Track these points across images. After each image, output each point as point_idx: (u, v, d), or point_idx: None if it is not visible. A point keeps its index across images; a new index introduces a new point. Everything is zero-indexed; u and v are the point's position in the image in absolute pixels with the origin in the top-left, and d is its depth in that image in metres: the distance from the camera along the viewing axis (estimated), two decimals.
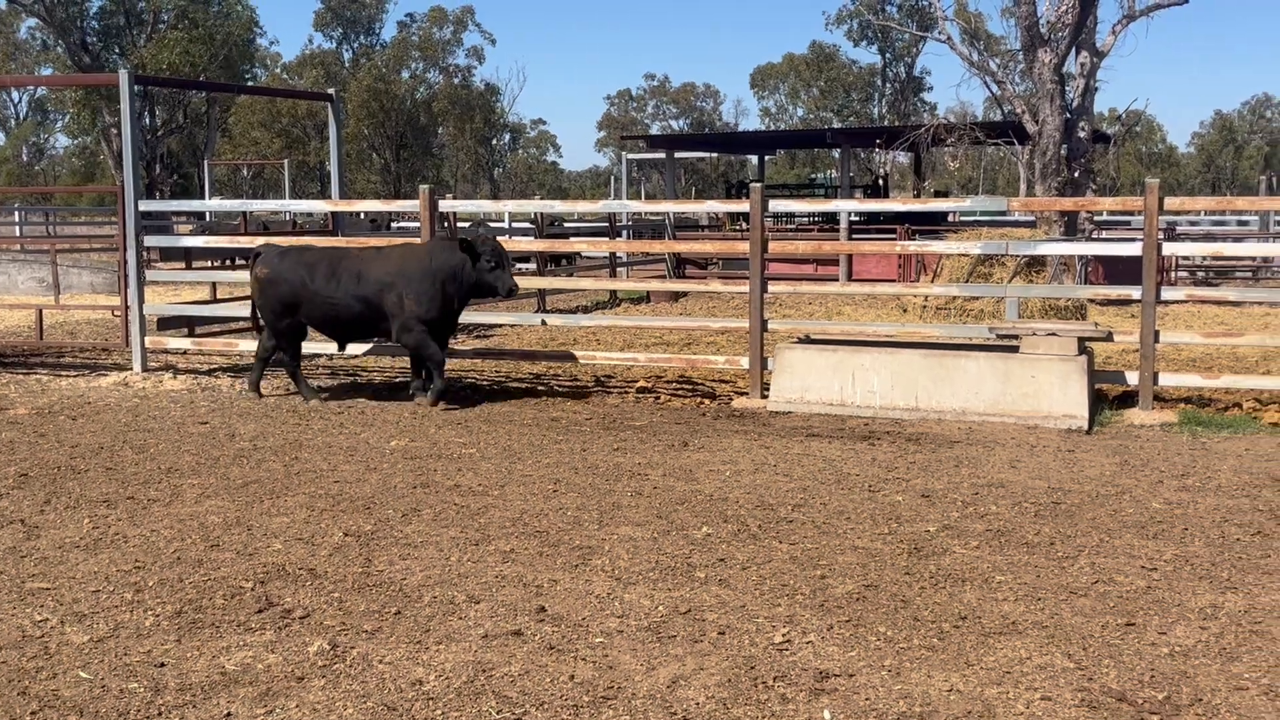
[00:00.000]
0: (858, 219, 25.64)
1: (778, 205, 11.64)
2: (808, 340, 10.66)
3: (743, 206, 11.01)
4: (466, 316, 13.71)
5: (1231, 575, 5.53)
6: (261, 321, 10.87)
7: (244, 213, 19.43)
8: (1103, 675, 4.36)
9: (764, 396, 10.26)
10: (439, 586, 5.37)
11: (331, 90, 14.21)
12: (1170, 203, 10.05)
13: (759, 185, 10.64)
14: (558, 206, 10.20)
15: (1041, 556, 5.84)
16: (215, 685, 4.30)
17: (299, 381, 10.68)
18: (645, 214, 27.78)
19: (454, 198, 40.83)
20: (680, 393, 11.15)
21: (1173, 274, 21.79)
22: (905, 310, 16.88)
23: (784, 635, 4.77)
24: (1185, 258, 23.07)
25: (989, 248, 10.89)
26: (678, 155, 47.42)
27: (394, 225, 28.63)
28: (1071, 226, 18.51)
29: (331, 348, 11.08)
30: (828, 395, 9.92)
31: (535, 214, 19.87)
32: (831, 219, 25.34)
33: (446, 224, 18.30)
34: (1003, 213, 26.71)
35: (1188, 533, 6.26)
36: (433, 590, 5.32)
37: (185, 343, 12.92)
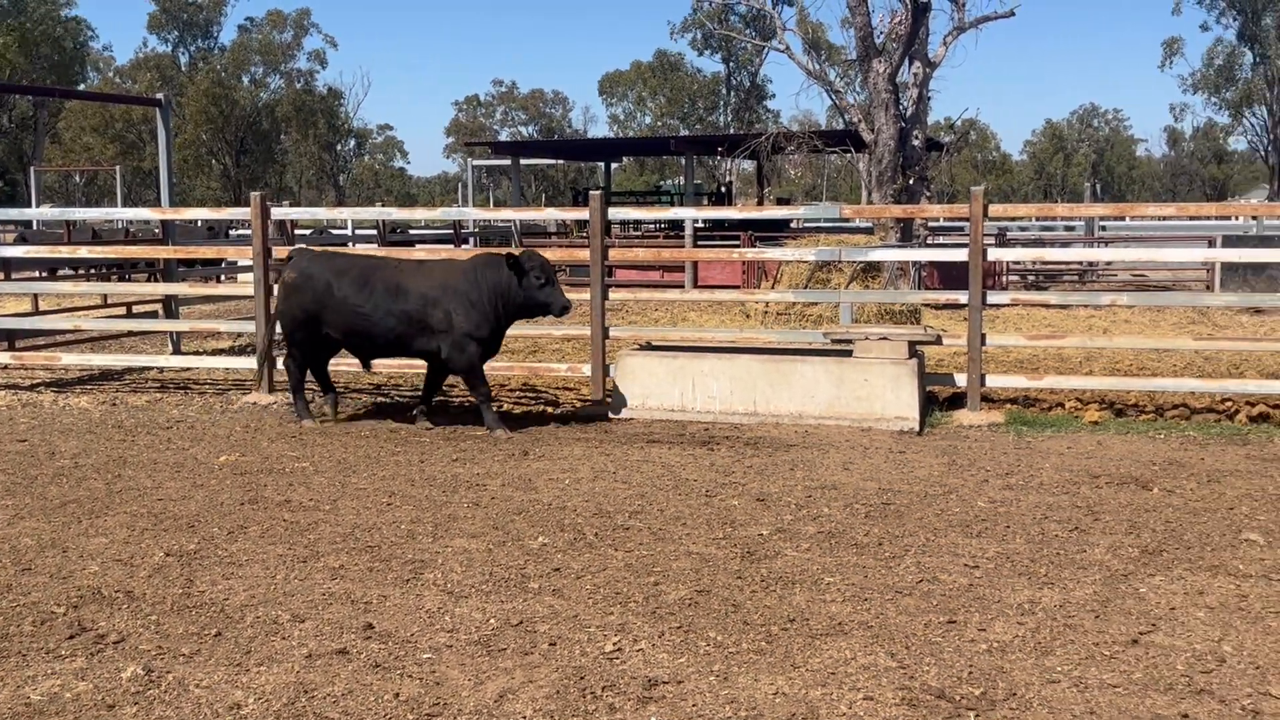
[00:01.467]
0: (703, 226, 25.90)
1: (618, 212, 11.71)
2: (649, 347, 10.70)
3: (583, 214, 11.01)
4: None
5: (1049, 571, 5.71)
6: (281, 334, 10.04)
7: (68, 222, 18.67)
8: (924, 673, 4.46)
9: (606, 403, 10.26)
10: (263, 606, 5.22)
11: (161, 95, 13.75)
12: (994, 209, 10.37)
13: (598, 192, 10.66)
14: (395, 213, 10.04)
15: (870, 557, 5.95)
16: (18, 717, 4.10)
17: (298, 398, 9.85)
18: (494, 221, 27.59)
19: (290, 204, 39.90)
20: (523, 401, 11.10)
21: (1004, 278, 22.55)
22: (749, 316, 17.11)
23: (615, 644, 4.76)
24: (1016, 263, 23.89)
25: (824, 254, 11.08)
26: (525, 161, 47.30)
27: (232, 233, 27.88)
28: (907, 233, 18.97)
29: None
30: (669, 401, 9.97)
31: (377, 221, 19.58)
32: (677, 226, 25.54)
33: (284, 232, 17.90)
34: (846, 220, 27.28)
35: (1010, 530, 6.45)
36: (256, 610, 5.17)
37: (4, 357, 12.36)
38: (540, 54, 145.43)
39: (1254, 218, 26.87)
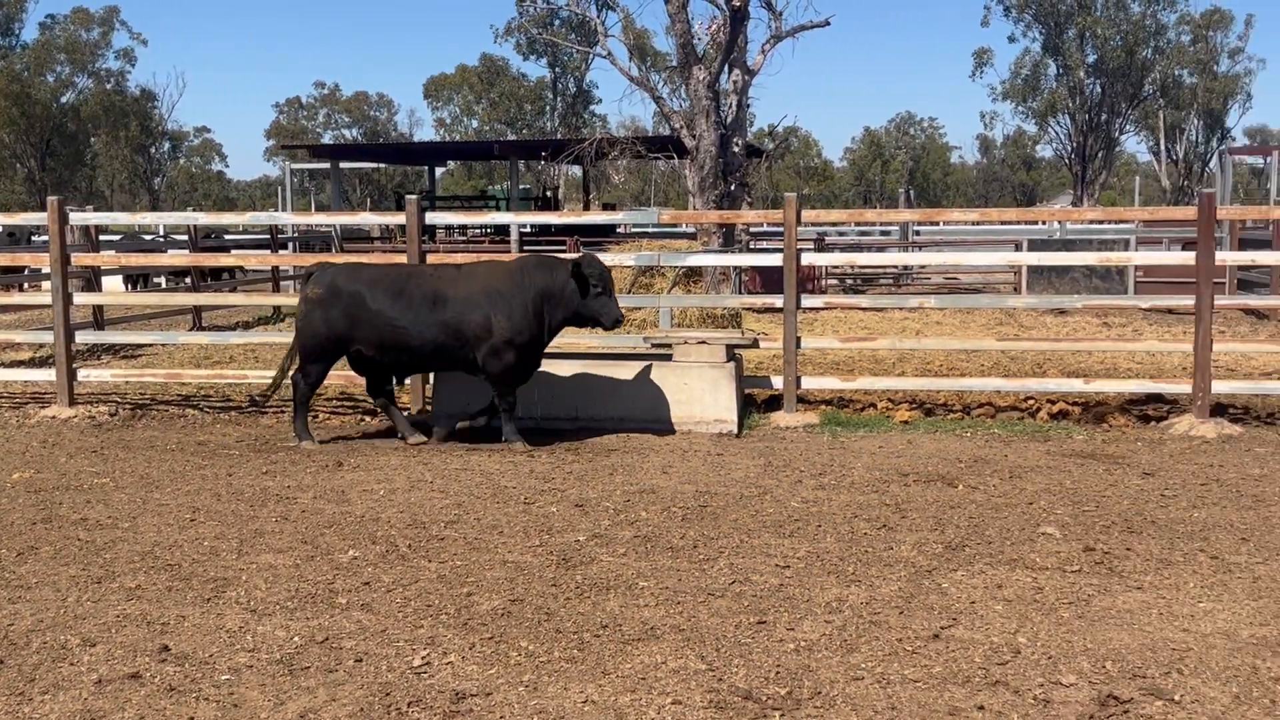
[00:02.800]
0: (530, 231, 25.81)
1: (439, 217, 11.56)
2: None
3: (400, 218, 10.83)
4: (113, 336, 12.93)
5: (857, 569, 5.83)
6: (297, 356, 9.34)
7: None
8: (732, 675, 4.49)
9: (426, 411, 10.10)
10: (51, 631, 4.96)
11: None
12: (808, 215, 10.59)
13: (414, 197, 10.49)
14: (202, 219, 9.71)
15: (685, 560, 5.98)
16: None
17: (300, 417, 9.19)
18: (315, 226, 26.97)
19: (94, 208, 38.33)
20: (341, 410, 10.85)
21: (823, 282, 23.04)
22: None
23: (424, 658, 4.67)
24: (835, 267, 24.46)
25: (643, 259, 11.15)
26: (348, 165, 46.43)
27: (35, 239, 26.62)
28: (729, 238, 19.21)
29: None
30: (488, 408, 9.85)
31: (189, 226, 18.95)
32: (504, 231, 25.40)
33: (90, 238, 17.17)
34: (675, 225, 27.50)
35: (821, 529, 6.56)
36: (44, 635, 4.91)
37: None
38: (364, 56, 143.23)
39: (1059, 222, 28.05)
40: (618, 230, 26.15)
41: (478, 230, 28.11)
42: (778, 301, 10.19)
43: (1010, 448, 8.92)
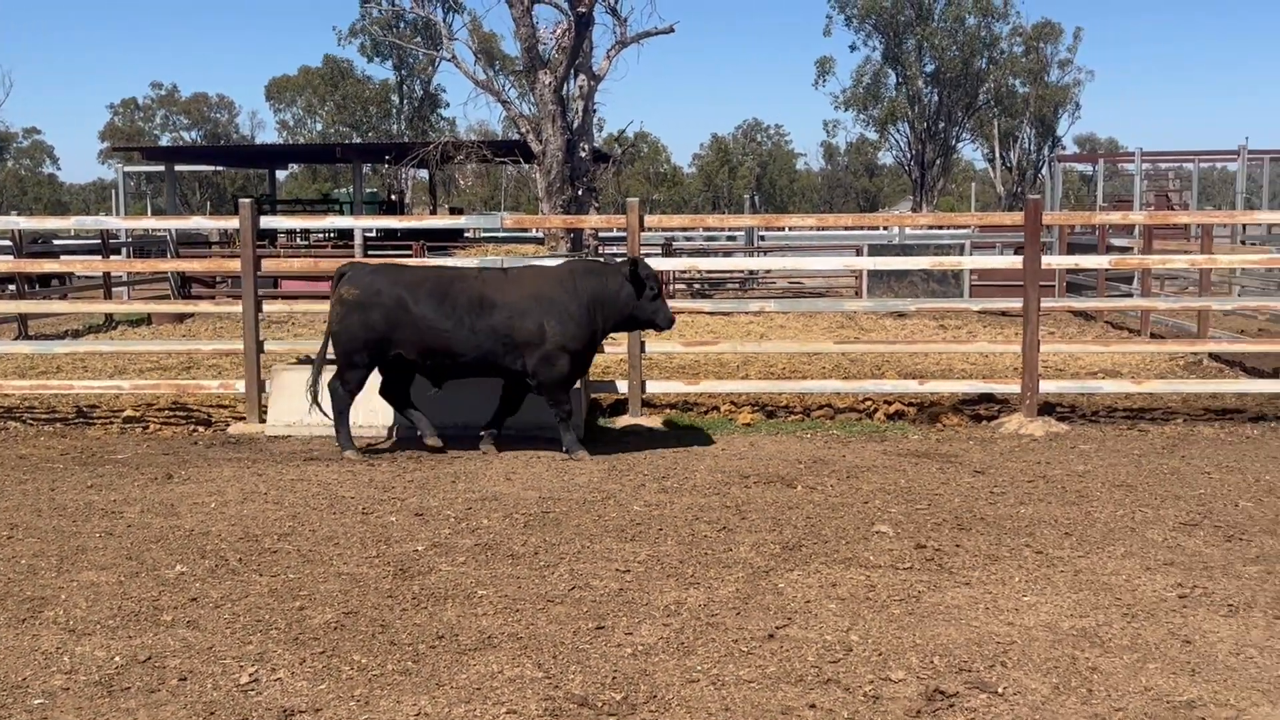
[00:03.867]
0: (375, 235, 25.43)
1: (278, 221, 11.30)
2: (308, 360, 10.34)
3: (234, 222, 10.54)
4: None
5: (696, 571, 5.86)
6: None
7: None
8: (569, 682, 4.46)
9: (262, 421, 9.86)
10: None
11: None
12: (650, 220, 10.64)
13: (248, 201, 10.23)
14: (24, 223, 9.30)
15: (525, 567, 5.94)
16: None
17: (341, 425, 8.87)
18: (152, 231, 26.11)
19: None
20: (173, 421, 10.50)
21: (671, 287, 23.20)
22: None
23: (251, 675, 4.53)
24: (683, 272, 24.63)
25: (486, 264, 11.05)
26: (186, 168, 45.10)
27: None
28: (578, 243, 19.24)
29: None
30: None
31: (13, 231, 18.15)
32: (347, 236, 24.96)
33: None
34: (524, 230, 27.39)
35: (662, 533, 6.58)
36: None
37: None
38: (203, 57, 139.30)
39: (898, 228, 28.78)
40: (465, 235, 25.95)
41: (321, 235, 27.59)
42: None
43: (848, 448, 9.10)
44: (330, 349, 9.01)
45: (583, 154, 19.59)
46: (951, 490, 7.60)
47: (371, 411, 9.58)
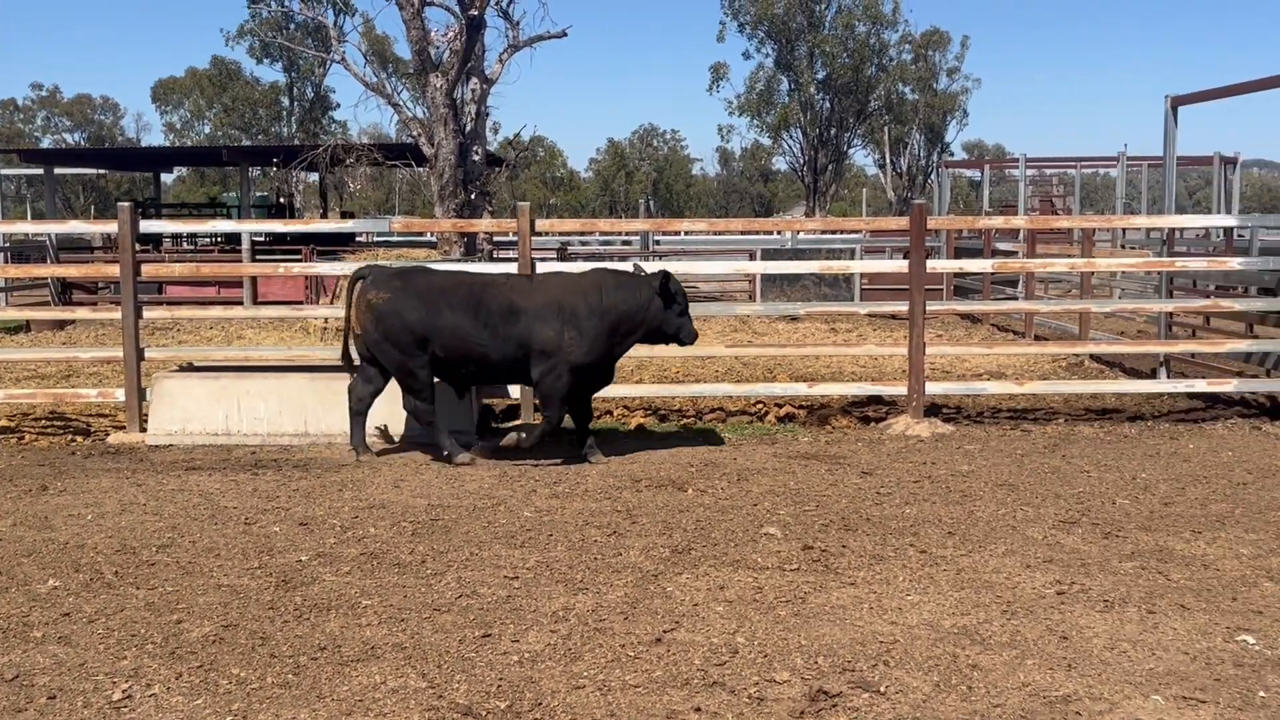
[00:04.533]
0: (263, 240, 24.98)
1: (155, 225, 11.04)
2: (190, 368, 10.12)
3: (112, 226, 10.25)
4: None
5: (585, 576, 5.84)
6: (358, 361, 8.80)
7: None
8: (453, 691, 4.41)
9: (143, 430, 9.61)
10: None
11: None
12: (542, 224, 10.61)
13: (126, 204, 9.96)
14: None
15: (412, 576, 5.86)
16: None
17: (356, 426, 8.82)
18: (32, 236, 25.34)
19: None
20: (50, 430, 10.19)
21: None
22: (309, 332, 16.62)
23: (125, 691, 4.40)
24: None
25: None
26: (68, 171, 43.90)
27: None
28: (471, 247, 19.11)
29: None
30: (212, 425, 9.46)
31: None
32: (235, 240, 24.50)
33: None
34: (419, 234, 27.13)
35: (552, 538, 6.55)
36: None
37: None
38: (86, 58, 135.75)
39: (790, 232, 29.06)
40: (357, 239, 25.63)
41: (208, 240, 27.05)
42: None
43: (739, 451, 9.15)
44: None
45: (476, 158, 19.47)
46: (839, 491, 7.68)
47: (257, 420, 9.41)
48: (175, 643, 4.92)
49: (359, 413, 8.85)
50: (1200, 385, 10.72)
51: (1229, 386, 10.75)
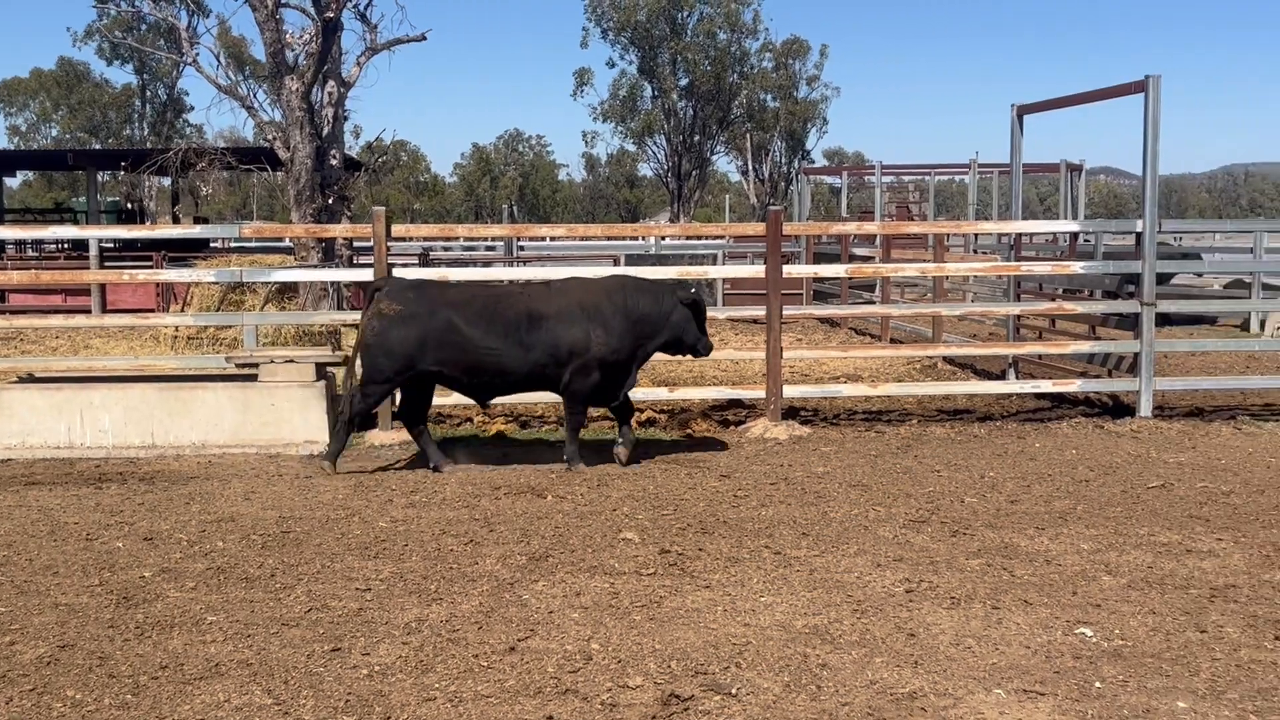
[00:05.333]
0: (113, 246, 24.17)
1: None
2: (31, 379, 9.75)
3: None
4: None
5: (440, 586, 5.76)
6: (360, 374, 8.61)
7: None
8: (300, 708, 4.31)
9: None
10: None
11: None
12: (397, 229, 10.47)
13: None
14: None
15: (260, 590, 5.72)
16: None
17: (337, 438, 8.72)
18: None
19: None
20: None
21: None
22: (159, 341, 16.14)
23: None
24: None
25: (223, 275, 10.68)
26: None
27: None
28: (330, 252, 18.76)
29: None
30: (54, 438, 9.13)
31: None
32: (82, 246, 23.64)
33: None
34: (276, 240, 26.50)
35: (407, 549, 6.45)
36: None
37: None
38: None
39: (653, 238, 29.18)
40: (211, 245, 25.00)
41: (54, 246, 26.08)
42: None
43: (600, 456, 9.13)
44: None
45: (334, 162, 19.08)
46: (697, 495, 7.73)
47: (101, 432, 9.10)
48: (6, 665, 4.71)
49: (348, 424, 8.71)
50: (1046, 386, 11.06)
51: (1073, 386, 11.11)
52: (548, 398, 9.83)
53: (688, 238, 27.06)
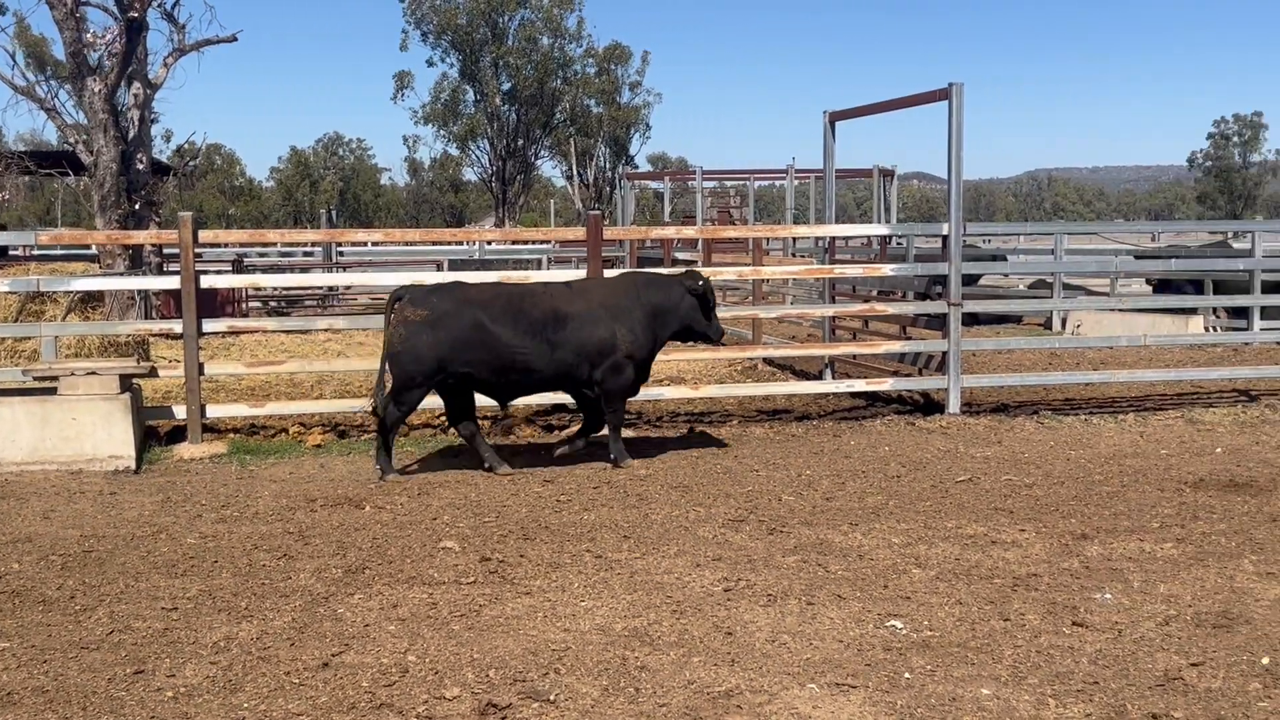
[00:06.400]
0: None
1: None
2: None
3: None
4: None
5: (251, 603, 5.59)
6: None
7: None
8: None
9: None
10: None
11: None
12: (205, 235, 10.15)
13: None
14: None
15: (58, 613, 5.46)
16: None
17: (384, 451, 8.61)
18: None
19: None
20: None
21: (245, 305, 22.31)
22: None
23: None
24: (258, 289, 23.70)
25: (18, 285, 10.18)
26: None
27: None
28: (137, 260, 18.09)
29: None
30: None
31: None
32: None
33: None
34: (82, 246, 25.42)
35: (217, 565, 6.24)
36: None
37: None
38: None
39: (478, 242, 28.98)
40: (11, 253, 23.81)
41: None
42: (177, 326, 9.67)
43: (423, 464, 9.02)
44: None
45: (140, 166, 18.45)
46: (520, 500, 7.68)
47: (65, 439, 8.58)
48: None
49: (390, 431, 8.70)
50: (860, 385, 11.35)
51: (886, 385, 11.43)
52: (365, 404, 9.68)
53: (511, 242, 26.97)
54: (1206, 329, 17.37)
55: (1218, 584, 5.80)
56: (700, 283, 9.09)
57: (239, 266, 21.27)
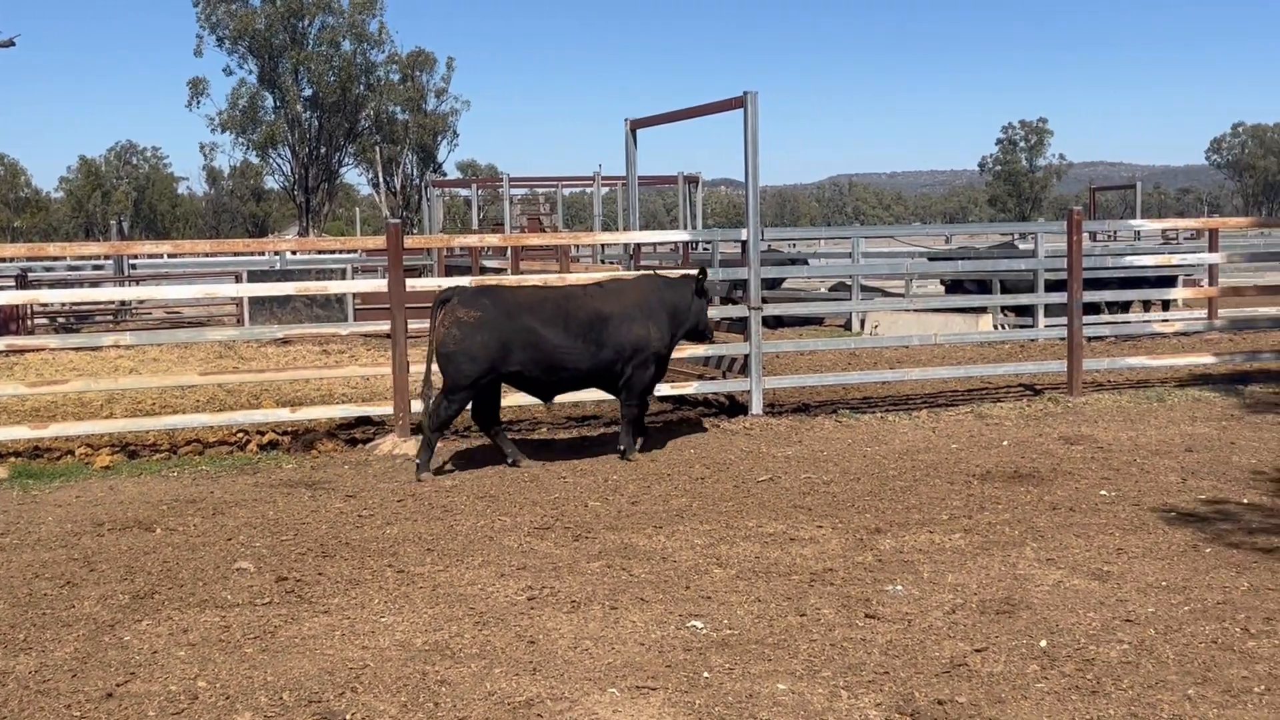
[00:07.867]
0: None
1: None
2: None
3: None
4: None
5: (30, 635, 5.32)
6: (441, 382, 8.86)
7: None
8: None
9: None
10: None
11: None
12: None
13: None
14: None
15: None
16: None
17: (426, 449, 8.86)
18: None
19: None
20: None
21: (31, 321, 21.28)
22: None
23: None
24: (45, 305, 22.63)
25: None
26: None
27: None
28: None
29: None
30: None
31: None
32: None
33: None
34: None
35: None
36: None
37: None
38: None
39: (281, 253, 28.24)
40: None
41: None
42: None
43: (218, 484, 8.74)
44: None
45: None
46: (320, 518, 7.51)
47: None
48: None
49: (436, 431, 8.94)
50: (665, 389, 11.44)
51: (691, 388, 11.58)
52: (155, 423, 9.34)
53: (314, 252, 26.41)
54: (996, 327, 18.15)
55: (1001, 572, 6.06)
56: (706, 281, 9.60)
57: (23, 282, 20.25)
